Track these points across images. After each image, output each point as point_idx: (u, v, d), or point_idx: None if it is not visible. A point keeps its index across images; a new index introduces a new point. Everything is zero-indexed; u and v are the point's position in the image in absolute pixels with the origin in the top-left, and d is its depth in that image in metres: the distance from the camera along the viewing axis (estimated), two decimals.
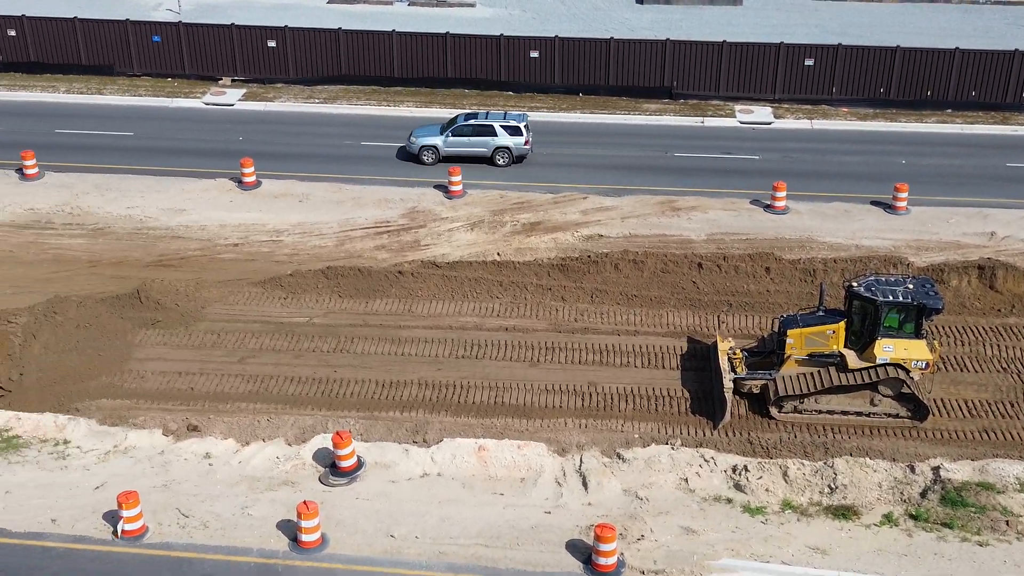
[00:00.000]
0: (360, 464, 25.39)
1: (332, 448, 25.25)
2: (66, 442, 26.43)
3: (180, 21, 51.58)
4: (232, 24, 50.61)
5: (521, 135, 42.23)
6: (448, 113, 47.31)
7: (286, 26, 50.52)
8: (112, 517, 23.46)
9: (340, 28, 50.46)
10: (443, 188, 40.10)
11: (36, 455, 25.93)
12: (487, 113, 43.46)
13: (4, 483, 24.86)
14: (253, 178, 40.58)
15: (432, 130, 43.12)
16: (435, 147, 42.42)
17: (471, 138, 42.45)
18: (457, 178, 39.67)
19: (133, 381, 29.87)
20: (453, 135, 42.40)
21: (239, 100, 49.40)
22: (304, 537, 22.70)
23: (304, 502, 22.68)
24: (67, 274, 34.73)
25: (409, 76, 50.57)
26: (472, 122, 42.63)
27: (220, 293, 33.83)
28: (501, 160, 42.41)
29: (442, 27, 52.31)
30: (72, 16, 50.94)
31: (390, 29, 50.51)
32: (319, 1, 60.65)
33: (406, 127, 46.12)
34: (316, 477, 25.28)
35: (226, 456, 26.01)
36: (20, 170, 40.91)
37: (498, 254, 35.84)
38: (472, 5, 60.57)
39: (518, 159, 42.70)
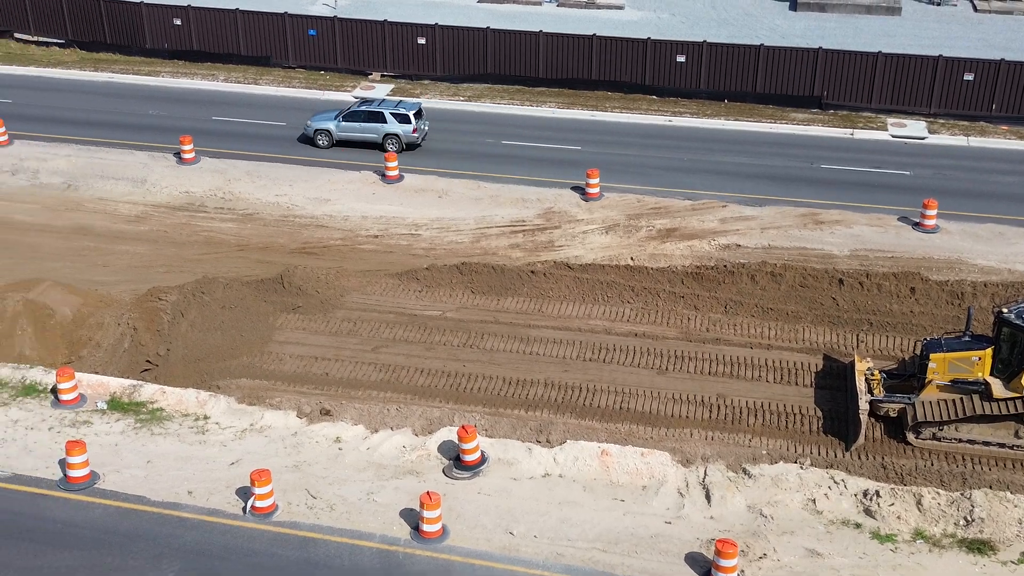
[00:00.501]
0: (484, 459, 25.65)
1: (457, 441, 25.58)
2: (206, 418, 27.56)
3: (336, 16, 53.05)
4: (385, 20, 51.77)
5: (410, 123, 43.14)
6: (591, 116, 47.36)
7: (436, 24, 51.38)
8: (244, 493, 24.36)
9: (488, 27, 51.03)
10: (580, 190, 40.13)
11: (178, 428, 27.13)
12: (381, 100, 44.84)
13: (147, 453, 26.12)
14: (396, 172, 41.46)
15: (328, 115, 44.40)
16: (328, 131, 43.92)
17: (362, 123, 43.72)
18: (595, 180, 39.64)
19: (272, 363, 30.91)
20: (345, 120, 43.77)
21: (386, 95, 50.49)
22: (425, 527, 23.08)
23: (427, 492, 23.06)
24: (216, 256, 36.20)
25: (553, 77, 50.75)
26: (364, 108, 43.93)
27: (358, 283, 34.69)
28: (391, 146, 43.20)
29: (589, 29, 52.29)
30: (234, 8, 52.99)
31: (537, 29, 50.80)
32: (470, 0, 61.46)
33: (548, 127, 46.38)
34: (440, 469, 25.66)
35: (355, 442, 26.66)
36: (178, 154, 42.83)
37: (632, 259, 35.65)
38: (621, 8, 60.36)
39: (408, 146, 43.56)
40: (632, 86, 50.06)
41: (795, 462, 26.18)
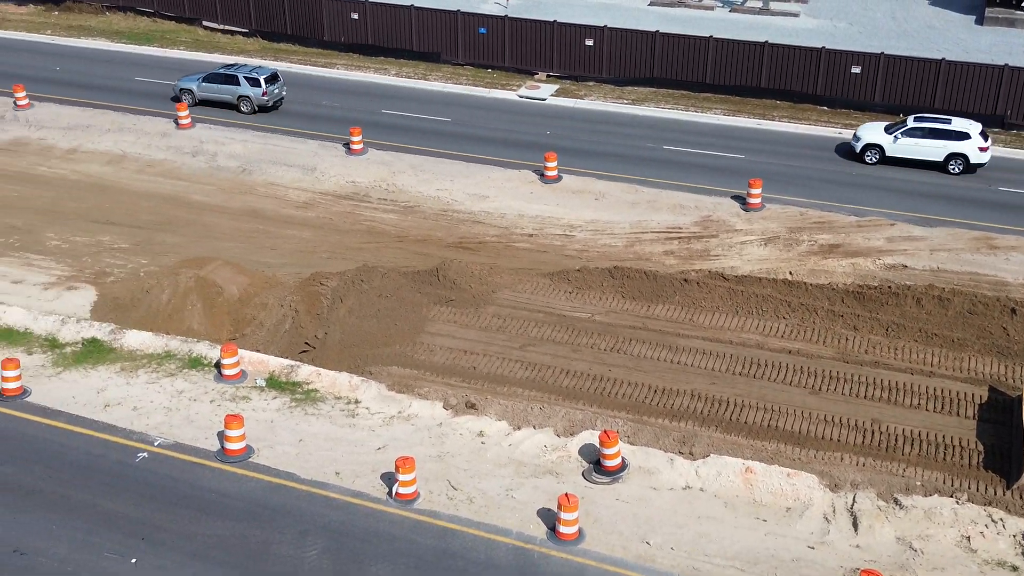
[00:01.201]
0: (624, 465, 25.50)
1: (599, 446, 25.52)
2: (357, 402, 28.35)
3: (506, 15, 53.67)
4: (554, 21, 52.06)
5: (260, 87, 47.09)
6: (757, 124, 46.53)
7: (605, 26, 51.34)
8: (389, 479, 24.96)
9: (657, 31, 50.64)
10: (741, 199, 39.37)
11: (330, 410, 28.02)
12: (240, 65, 49.09)
13: (300, 431, 27.07)
14: (555, 172, 41.63)
15: (193, 77, 48.53)
16: (191, 91, 48.03)
17: (220, 85, 47.77)
18: (757, 190, 38.82)
19: (422, 353, 31.54)
20: (205, 81, 47.92)
21: (551, 95, 50.77)
22: (562, 528, 23.12)
23: (566, 494, 23.08)
24: (376, 246, 37.19)
25: (721, 83, 49.96)
26: (222, 71, 48.20)
27: (510, 280, 35.02)
28: (244, 108, 47.64)
29: (761, 35, 51.23)
30: (409, 4, 54.28)
31: (707, 34, 50.08)
32: (640, 3, 61.12)
33: (712, 134, 45.73)
34: (580, 471, 25.65)
35: (498, 437, 26.93)
36: (347, 145, 44.19)
37: (790, 273, 34.74)
38: (796, 15, 58.88)
39: (260, 108, 47.61)
40: (802, 96, 48.79)
41: (951, 496, 24.97)
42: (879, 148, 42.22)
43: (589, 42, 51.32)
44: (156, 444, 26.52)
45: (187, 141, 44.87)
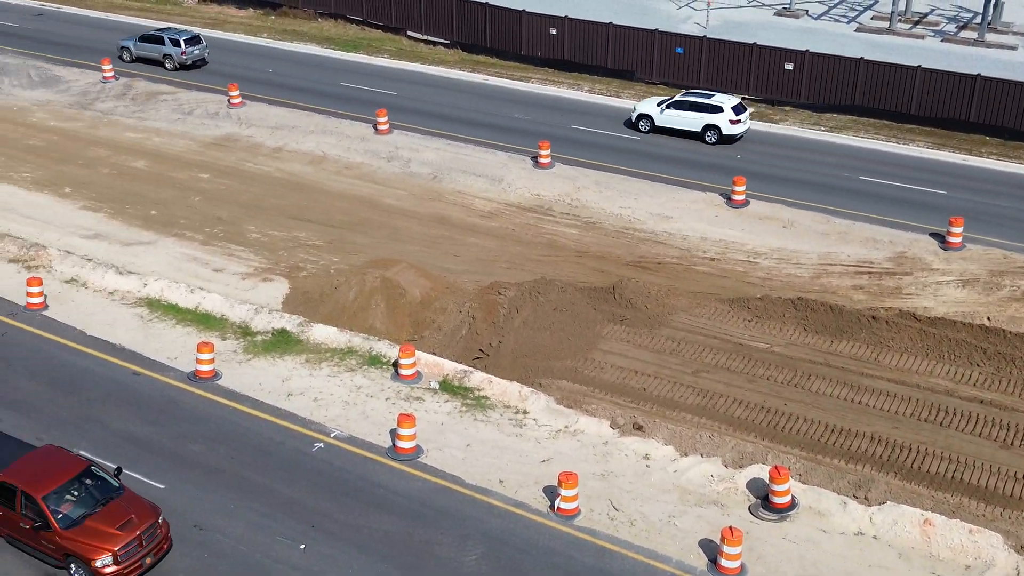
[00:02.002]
0: (793, 504, 24.69)
1: (768, 481, 24.80)
2: (525, 412, 28.59)
3: (704, 36, 53.08)
4: (754, 43, 51.12)
5: (179, 47, 54.74)
6: (963, 160, 44.52)
7: (807, 50, 50.02)
8: (551, 492, 25.03)
9: (862, 58, 48.94)
10: (940, 237, 37.51)
11: (498, 418, 28.37)
12: (169, 28, 57.25)
13: (468, 436, 27.53)
14: (743, 197, 40.83)
15: (132, 38, 56.78)
16: (129, 48, 56.16)
17: (149, 44, 55.91)
18: (958, 229, 36.90)
19: (593, 370, 31.51)
20: (139, 41, 56.20)
21: (644, 100, 49.73)
22: (724, 562, 22.58)
23: (730, 527, 22.55)
24: (555, 260, 37.45)
25: (926, 115, 47.81)
26: (152, 33, 56.49)
27: (688, 303, 34.54)
28: (168, 65, 55.33)
29: (973, 68, 48.72)
30: (607, 21, 54.47)
31: (915, 64, 48.04)
32: (846, 28, 59.24)
33: (913, 167, 43.88)
34: (746, 505, 25.00)
35: (663, 462, 26.58)
36: (535, 158, 44.71)
37: (988, 319, 32.83)
38: (1014, 48, 55.66)
39: (180, 66, 55.10)
40: (1015, 132, 46.05)
41: None
42: (649, 118, 47.28)
43: (789, 66, 50.12)
44: (332, 436, 27.53)
45: (384, 146, 46.47)
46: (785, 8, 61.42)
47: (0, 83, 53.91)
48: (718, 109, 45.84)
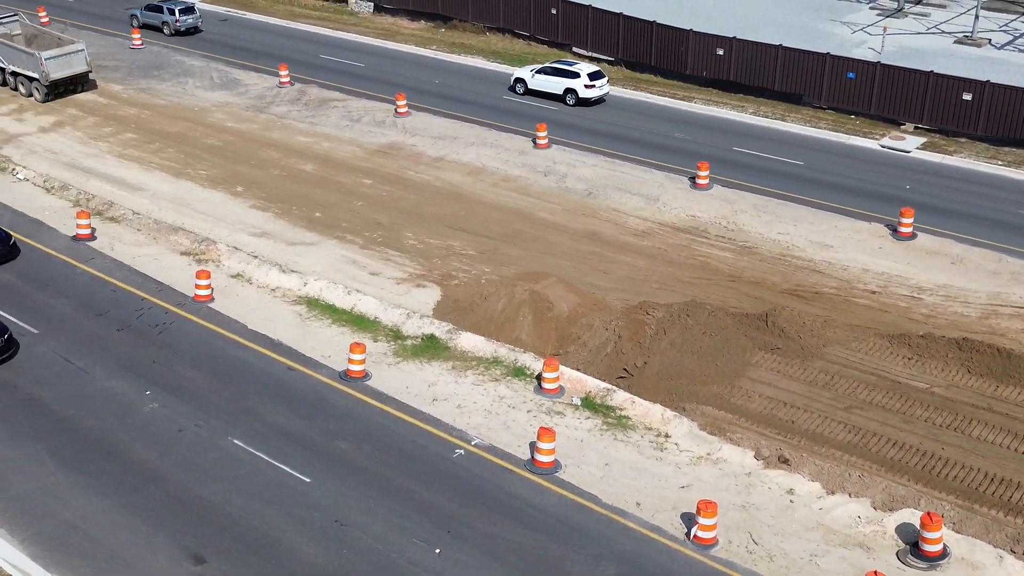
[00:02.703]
0: (945, 554, 23.53)
1: (919, 527, 23.72)
2: (667, 436, 28.22)
3: (878, 62, 51.36)
4: (930, 72, 49.13)
5: (174, 15, 63.91)
6: None
7: (987, 81, 47.74)
8: (688, 519, 24.61)
9: None
10: None
11: (639, 439, 28.09)
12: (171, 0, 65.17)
13: (607, 455, 27.37)
14: (910, 229, 39.25)
15: (139, 8, 65.30)
16: (136, 16, 65.16)
17: (151, 13, 64.77)
18: None
19: (739, 398, 30.83)
20: (144, 10, 65.27)
21: (917, 148, 47.95)
22: None
23: (875, 572, 21.66)
24: (707, 282, 36.86)
25: None
26: (155, 3, 64.74)
27: (844, 336, 33.38)
28: (165, 31, 64.35)
29: None
30: (776, 43, 53.40)
31: None
32: None
33: None
34: (894, 551, 23.98)
35: (808, 498, 25.77)
36: (693, 178, 44.17)
37: None
38: None
39: (176, 32, 64.21)
40: None
41: None
42: (524, 82, 54.86)
43: (967, 96, 47.91)
44: (473, 443, 27.84)
45: (541, 160, 46.81)
46: (966, 36, 58.80)
47: (184, 84, 56.96)
48: (576, 75, 53.14)
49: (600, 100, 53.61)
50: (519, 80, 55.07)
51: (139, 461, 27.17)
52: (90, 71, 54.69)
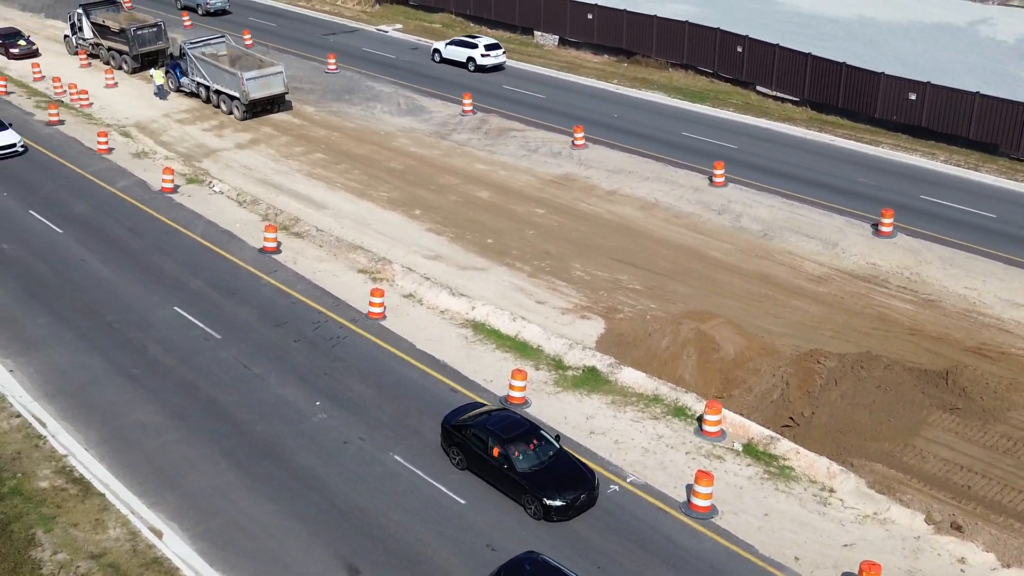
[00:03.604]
0: None
1: None
2: (831, 491, 27.17)
3: None
4: None
5: None
6: None
7: None
8: None
9: None
10: None
11: (802, 492, 27.14)
12: None
13: (767, 505, 26.56)
14: None
15: None
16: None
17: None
18: None
19: (912, 458, 29.38)
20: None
21: None
22: None
23: None
24: (884, 334, 35.38)
25: None
26: None
27: None
28: (199, 11, 78.50)
29: None
30: (974, 91, 51.05)
31: None
32: None
33: None
34: None
35: (982, 569, 24.33)
36: (876, 225, 42.60)
37: None
38: None
39: (207, 13, 78.33)
40: None
41: None
42: (439, 51, 67.27)
43: None
44: (628, 480, 27.55)
45: (716, 199, 46.17)
46: None
47: (373, 108, 59.15)
48: (475, 46, 65.60)
49: (497, 67, 65.17)
50: (436, 51, 67.79)
51: (304, 468, 28.15)
52: (287, 92, 57.55)
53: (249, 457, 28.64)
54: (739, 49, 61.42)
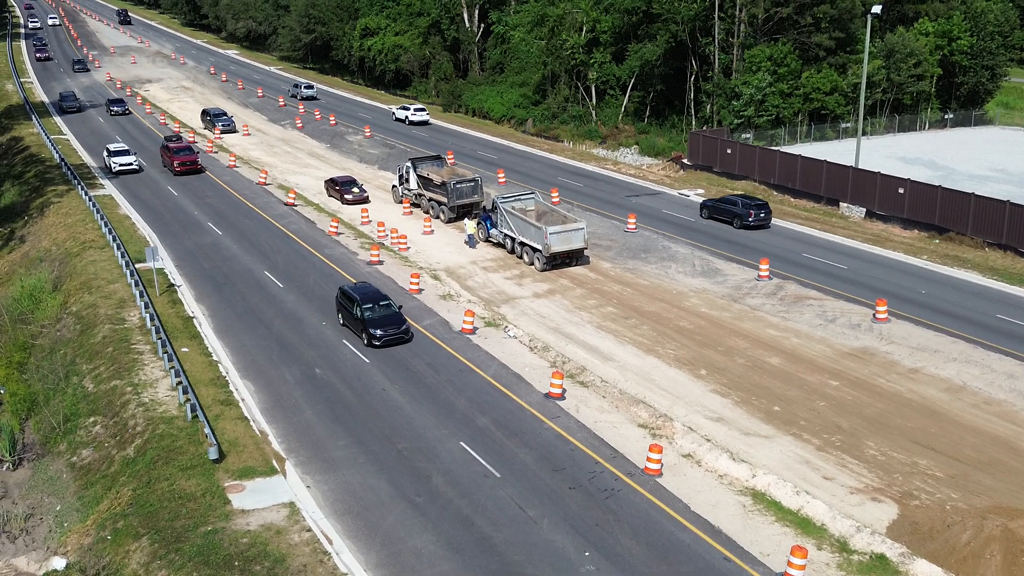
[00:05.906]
0: None
1: None
2: None
3: None
4: None
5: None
6: None
7: None
8: None
9: None
10: None
11: None
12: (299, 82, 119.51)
13: None
14: None
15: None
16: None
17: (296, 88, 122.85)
18: None
19: None
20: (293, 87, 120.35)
21: None
22: None
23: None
24: None
25: None
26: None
27: None
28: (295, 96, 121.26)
29: None
30: None
31: None
32: None
33: None
34: None
35: None
36: None
37: None
38: None
39: (302, 98, 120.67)
40: None
41: None
42: (404, 120, 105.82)
43: None
44: None
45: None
46: None
47: (668, 268, 59.87)
48: (407, 108, 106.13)
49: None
50: (399, 120, 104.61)
51: None
52: (586, 248, 59.60)
53: None
54: None
